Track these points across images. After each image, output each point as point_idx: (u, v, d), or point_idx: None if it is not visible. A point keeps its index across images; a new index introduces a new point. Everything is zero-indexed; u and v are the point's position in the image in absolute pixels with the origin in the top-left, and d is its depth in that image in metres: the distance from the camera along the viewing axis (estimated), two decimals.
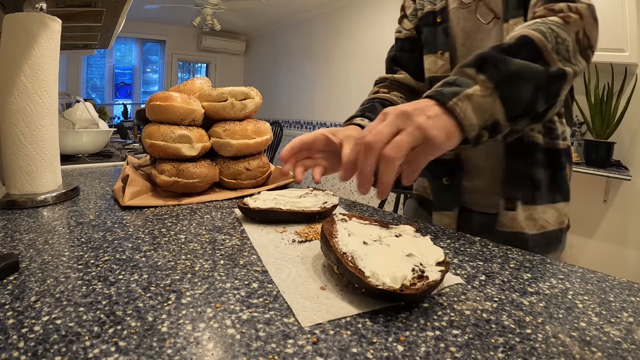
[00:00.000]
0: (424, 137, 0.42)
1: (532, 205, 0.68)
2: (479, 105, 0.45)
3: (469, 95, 0.45)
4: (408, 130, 0.42)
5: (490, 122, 0.46)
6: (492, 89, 0.45)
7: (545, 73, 0.48)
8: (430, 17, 0.77)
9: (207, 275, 0.35)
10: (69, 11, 0.90)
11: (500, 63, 0.46)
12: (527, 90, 0.47)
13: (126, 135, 2.48)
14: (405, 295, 0.29)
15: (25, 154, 0.59)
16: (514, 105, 0.46)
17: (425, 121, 0.42)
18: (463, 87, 0.45)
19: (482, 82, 0.46)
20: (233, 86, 0.71)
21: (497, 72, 0.46)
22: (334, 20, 4.34)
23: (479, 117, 0.45)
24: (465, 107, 0.44)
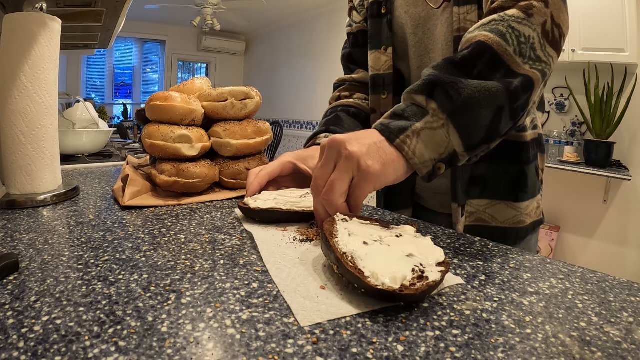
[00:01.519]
0: (357, 168, 0.38)
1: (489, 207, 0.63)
2: (430, 140, 0.40)
3: (417, 130, 0.40)
4: (340, 163, 0.39)
5: (446, 155, 0.42)
6: (444, 120, 0.41)
7: (505, 91, 0.42)
8: (375, 8, 0.71)
9: (207, 275, 0.35)
10: (69, 11, 0.90)
11: (451, 89, 0.41)
12: (486, 115, 0.42)
13: (126, 135, 2.48)
14: (404, 295, 0.29)
15: (25, 154, 0.59)
16: (472, 134, 0.42)
17: (358, 149, 0.39)
18: (411, 120, 0.41)
19: (434, 111, 0.41)
20: (233, 86, 0.71)
21: (448, 100, 0.41)
22: (334, 20, 4.34)
23: (432, 151, 0.41)
24: (414, 144, 0.40)
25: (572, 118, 2.47)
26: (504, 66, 0.43)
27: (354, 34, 0.80)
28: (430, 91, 0.42)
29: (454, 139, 0.41)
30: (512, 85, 0.43)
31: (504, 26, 0.44)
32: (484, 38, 0.44)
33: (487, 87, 0.42)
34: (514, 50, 0.43)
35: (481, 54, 0.43)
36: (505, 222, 0.64)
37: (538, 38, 0.45)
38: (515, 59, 0.43)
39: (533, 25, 0.45)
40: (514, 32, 0.44)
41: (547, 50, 0.46)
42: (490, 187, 0.63)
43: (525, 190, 0.64)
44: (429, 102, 0.41)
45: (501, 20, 0.45)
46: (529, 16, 0.45)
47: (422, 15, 0.65)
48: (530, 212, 0.65)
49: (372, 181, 0.39)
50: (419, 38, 0.67)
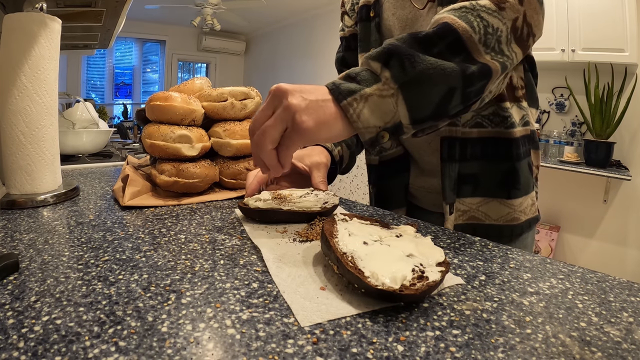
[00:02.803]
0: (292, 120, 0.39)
1: (482, 205, 0.63)
2: (377, 107, 0.41)
3: (366, 94, 0.41)
4: (278, 112, 0.40)
5: (390, 124, 0.42)
6: (395, 89, 0.41)
7: (461, 74, 0.42)
8: (364, 12, 0.72)
9: (207, 275, 0.35)
10: (69, 11, 0.90)
11: (406, 60, 0.41)
12: (437, 93, 0.42)
13: (126, 135, 2.48)
14: (404, 295, 0.29)
15: (25, 154, 0.59)
16: (420, 108, 0.42)
17: (298, 102, 0.39)
18: (362, 84, 0.41)
19: (386, 80, 0.41)
20: (233, 86, 0.71)
21: (402, 71, 0.41)
22: (334, 20, 4.34)
23: (377, 118, 0.41)
24: (360, 108, 0.40)
25: (572, 118, 2.47)
26: (465, 51, 0.43)
27: (346, 38, 0.81)
28: (386, 59, 0.42)
29: (402, 110, 0.42)
30: (468, 69, 0.43)
31: (473, 15, 0.44)
32: (451, 21, 0.44)
33: (442, 66, 0.42)
34: (478, 39, 0.44)
35: (445, 35, 0.43)
36: (499, 220, 0.64)
37: (506, 32, 0.45)
38: (478, 47, 0.44)
39: (504, 19, 0.45)
40: (482, 22, 0.44)
41: (512, 45, 0.46)
42: (482, 184, 0.63)
43: (517, 187, 0.64)
44: (383, 70, 0.42)
45: (472, 8, 0.45)
46: (500, 9, 0.45)
47: (409, 16, 0.66)
48: (525, 209, 0.65)
49: (303, 136, 0.40)
50: None
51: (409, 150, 0.74)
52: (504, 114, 0.62)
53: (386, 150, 0.76)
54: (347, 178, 3.76)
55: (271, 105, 0.41)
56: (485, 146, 0.63)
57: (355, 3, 0.76)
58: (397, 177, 0.75)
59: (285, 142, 0.41)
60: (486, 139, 0.62)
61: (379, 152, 0.77)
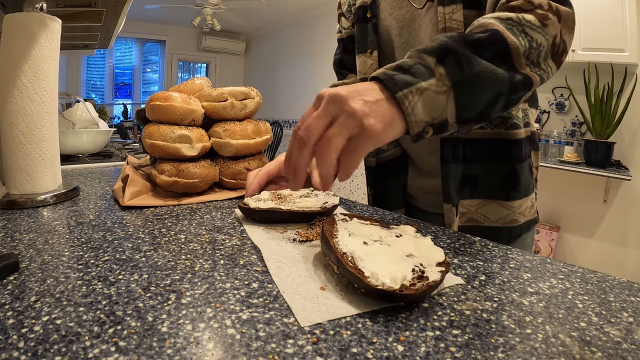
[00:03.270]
0: (360, 126, 0.37)
1: (481, 207, 0.63)
2: (430, 102, 0.40)
3: (422, 88, 0.40)
4: (341, 119, 0.37)
5: (438, 121, 0.42)
6: (448, 87, 0.41)
7: (509, 81, 0.43)
8: (361, 12, 0.72)
9: (207, 275, 0.35)
10: (69, 11, 0.90)
11: (464, 61, 0.41)
12: (486, 96, 0.43)
13: (126, 135, 2.48)
14: (404, 295, 0.29)
15: (25, 154, 0.59)
16: (468, 109, 0.43)
17: (361, 107, 0.38)
18: (418, 77, 0.40)
19: (440, 76, 0.41)
20: (233, 86, 0.71)
21: (458, 70, 0.41)
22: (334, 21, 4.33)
23: (427, 113, 0.41)
24: (415, 101, 0.40)
25: (572, 118, 2.47)
26: (509, 61, 0.44)
27: (344, 39, 0.81)
28: (442, 56, 0.42)
29: (450, 108, 0.42)
30: (515, 77, 0.44)
31: (519, 30, 0.45)
32: (501, 30, 0.45)
33: (496, 71, 0.43)
34: (523, 52, 0.45)
35: (495, 42, 0.44)
36: (498, 222, 0.64)
37: (546, 48, 0.47)
38: (521, 60, 0.45)
39: (547, 35, 0.47)
40: (526, 37, 0.45)
41: (549, 61, 0.48)
42: (481, 186, 0.63)
43: (517, 189, 0.63)
44: (438, 66, 0.41)
45: (518, 22, 0.46)
46: (544, 25, 0.46)
47: (407, 16, 0.66)
48: (524, 211, 0.65)
49: (374, 140, 0.38)
50: (404, 39, 0.67)
51: (406, 151, 0.74)
52: (505, 115, 0.62)
53: (384, 151, 0.76)
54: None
55: (328, 112, 0.38)
56: (485, 147, 0.63)
57: (351, 4, 0.76)
58: (395, 178, 0.75)
59: (353, 150, 0.39)
60: (486, 140, 0.62)
61: (377, 153, 0.77)
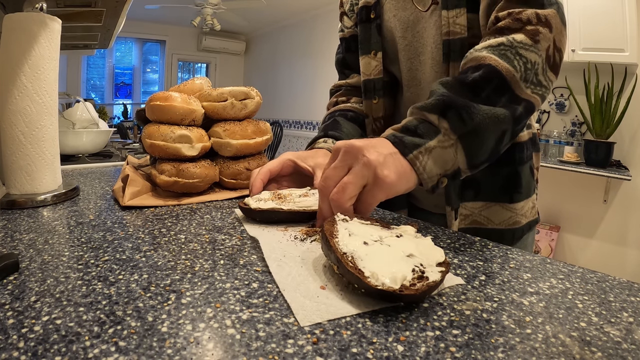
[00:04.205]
0: (374, 176, 0.40)
1: (484, 210, 0.64)
2: (439, 157, 0.43)
3: (431, 148, 0.42)
4: (356, 168, 0.40)
5: (450, 171, 0.44)
6: (455, 140, 0.43)
7: (511, 117, 0.45)
8: (364, 13, 0.72)
9: (207, 275, 0.35)
10: (69, 11, 0.90)
11: (464, 112, 0.43)
12: (492, 138, 0.45)
13: (126, 135, 2.48)
14: (404, 295, 0.29)
15: (25, 154, 0.59)
16: (478, 155, 0.44)
17: (376, 158, 0.40)
18: (425, 138, 0.43)
19: (445, 130, 0.43)
20: (233, 86, 0.71)
21: (461, 123, 0.43)
22: (334, 20, 4.34)
23: (439, 167, 0.43)
24: (425, 160, 0.42)
25: (572, 118, 2.47)
26: (509, 91, 0.45)
27: (346, 39, 0.81)
28: (443, 111, 0.44)
29: (461, 158, 0.44)
30: (517, 111, 0.45)
31: (512, 53, 0.46)
32: (495, 63, 0.46)
33: (496, 114, 0.44)
34: (520, 76, 0.46)
35: (491, 79, 0.45)
36: (501, 224, 0.64)
37: (542, 64, 0.47)
38: (520, 84, 0.46)
39: (539, 51, 0.47)
40: (521, 59, 0.46)
41: (548, 74, 0.49)
42: (484, 189, 0.64)
43: (519, 191, 0.64)
44: (441, 121, 0.43)
45: (510, 46, 0.46)
46: (535, 42, 0.47)
47: (411, 18, 0.66)
48: (526, 213, 0.65)
49: (386, 190, 0.41)
50: (408, 41, 0.67)
51: None
52: None
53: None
54: None
55: (344, 163, 0.41)
56: None
57: (354, 4, 0.76)
58: None
59: (368, 200, 0.41)
60: None
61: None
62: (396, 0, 0.67)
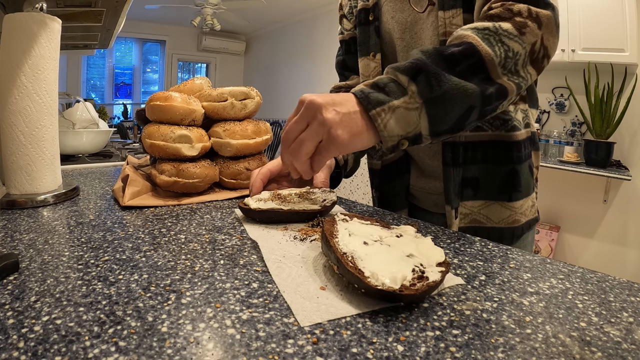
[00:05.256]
0: (327, 135, 0.42)
1: (483, 208, 0.64)
2: (403, 118, 0.43)
3: (394, 107, 0.43)
4: (313, 125, 0.43)
5: (412, 134, 0.45)
6: (420, 104, 0.43)
7: (481, 94, 0.45)
8: (363, 15, 0.73)
9: (207, 275, 0.35)
10: (69, 11, 0.90)
11: (434, 79, 0.43)
12: (457, 110, 0.45)
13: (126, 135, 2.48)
14: (404, 295, 0.29)
15: (25, 154, 0.59)
16: (440, 123, 0.45)
17: (332, 117, 0.42)
18: (391, 96, 0.44)
19: (412, 93, 0.44)
20: (233, 86, 0.71)
21: (428, 88, 0.43)
22: (334, 20, 4.34)
23: (401, 128, 0.44)
24: (387, 118, 0.43)
25: (572, 118, 2.47)
26: (484, 72, 0.46)
27: (346, 41, 0.81)
28: (414, 74, 0.44)
29: (423, 122, 0.44)
30: (487, 90, 0.46)
31: (495, 39, 0.46)
32: (476, 42, 0.46)
33: (465, 87, 0.44)
34: (499, 62, 0.46)
35: (469, 55, 0.46)
36: (501, 222, 0.64)
37: (524, 56, 0.47)
38: (497, 70, 0.46)
39: (524, 43, 0.47)
40: (503, 46, 0.46)
41: (528, 68, 0.49)
42: (483, 187, 0.64)
43: (518, 190, 0.64)
44: (410, 83, 0.44)
45: (495, 32, 0.47)
46: (521, 34, 0.47)
47: (409, 20, 0.66)
48: (525, 211, 0.65)
49: (338, 149, 0.43)
50: (406, 42, 0.68)
51: (409, 153, 0.74)
52: (505, 117, 0.62)
53: (387, 154, 0.76)
54: (348, 178, 3.77)
55: (304, 118, 0.43)
56: (486, 149, 0.63)
57: (353, 6, 0.77)
58: (398, 179, 0.75)
59: (322, 153, 0.44)
60: (487, 142, 0.63)
61: (381, 156, 0.77)
62: (394, 2, 0.68)
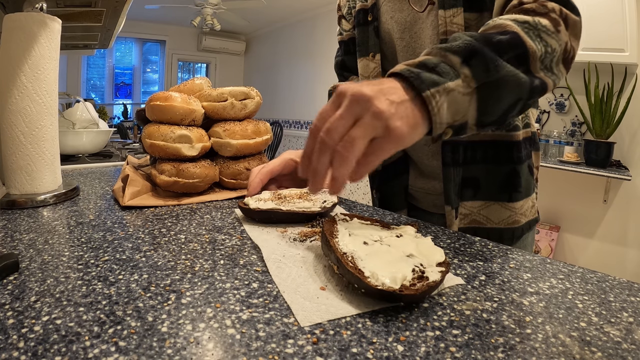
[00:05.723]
0: (385, 128, 0.35)
1: (483, 209, 0.63)
2: (455, 103, 0.39)
3: (449, 89, 0.38)
4: (366, 120, 0.35)
5: (458, 123, 0.40)
6: (473, 89, 0.40)
7: (529, 85, 0.43)
8: (362, 15, 0.72)
9: (207, 275, 0.35)
10: (69, 11, 0.90)
11: (491, 63, 0.40)
12: (508, 100, 0.42)
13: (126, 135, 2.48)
14: (404, 295, 0.29)
15: (25, 154, 0.59)
16: (489, 112, 0.42)
17: (388, 108, 0.35)
18: (444, 77, 0.39)
19: (465, 77, 0.39)
20: (233, 86, 0.71)
21: (485, 72, 0.40)
22: (334, 20, 4.33)
23: (450, 115, 0.39)
24: (442, 102, 0.38)
25: (572, 118, 2.47)
26: (527, 64, 0.44)
27: (345, 41, 0.81)
28: (468, 56, 0.40)
29: (472, 111, 0.40)
30: (534, 82, 0.44)
31: (535, 34, 0.45)
32: (520, 33, 0.44)
33: (518, 76, 0.42)
34: (540, 56, 0.44)
35: (516, 45, 0.43)
36: (501, 223, 0.64)
37: (559, 54, 0.47)
38: (537, 64, 0.44)
39: (560, 40, 0.47)
40: (542, 42, 0.45)
41: (560, 66, 0.48)
42: (483, 188, 0.63)
43: (518, 190, 0.64)
44: (463, 67, 0.40)
45: (534, 27, 0.45)
46: (557, 32, 0.46)
47: (408, 19, 0.66)
48: (525, 212, 0.65)
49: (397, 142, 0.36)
50: (406, 42, 0.67)
51: (408, 153, 0.74)
52: None
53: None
54: None
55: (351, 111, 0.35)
56: (486, 149, 0.63)
57: (352, 7, 0.76)
58: (396, 179, 0.75)
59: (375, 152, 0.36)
60: (487, 142, 0.62)
61: None
62: (393, 2, 0.67)
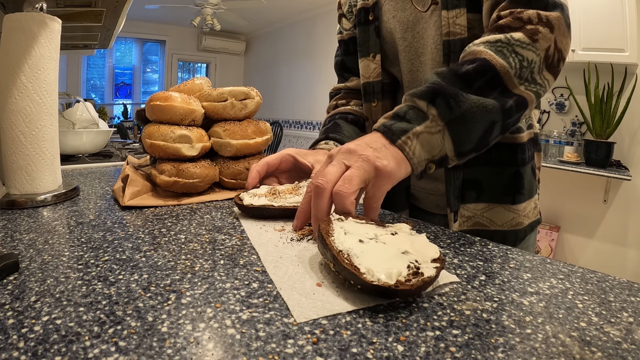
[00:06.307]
0: (374, 169, 0.41)
1: (486, 211, 0.63)
2: (426, 142, 0.44)
3: (418, 132, 0.43)
4: (356, 164, 0.41)
5: (438, 157, 0.45)
6: (442, 126, 0.44)
7: (501, 109, 0.45)
8: (363, 14, 0.71)
9: (207, 275, 0.35)
10: (69, 11, 0.90)
11: (452, 100, 0.44)
12: (480, 128, 0.45)
13: (126, 135, 2.49)
14: (399, 291, 0.29)
15: (25, 154, 0.59)
16: (465, 143, 0.45)
17: (372, 153, 0.41)
18: (412, 123, 0.44)
19: (433, 117, 0.44)
20: (233, 86, 0.71)
21: (448, 110, 0.44)
22: (334, 20, 4.34)
23: (426, 152, 0.44)
24: (414, 145, 0.43)
25: (572, 118, 2.47)
26: (501, 85, 0.46)
27: (345, 41, 0.80)
28: (432, 98, 0.44)
29: (448, 144, 0.45)
30: (507, 104, 0.46)
31: (509, 50, 0.46)
32: (490, 57, 0.46)
33: (484, 104, 0.44)
34: (514, 72, 0.46)
35: (484, 72, 0.46)
36: (504, 225, 0.64)
37: (539, 63, 0.47)
38: (513, 81, 0.46)
39: (537, 50, 0.47)
40: (517, 56, 0.46)
41: (544, 74, 0.49)
42: (486, 190, 0.63)
43: (522, 192, 0.63)
44: (430, 107, 0.44)
45: (507, 43, 0.47)
46: (533, 41, 0.47)
47: (411, 19, 0.65)
48: (528, 213, 0.65)
49: (389, 178, 0.42)
50: (408, 42, 0.67)
51: None
52: None
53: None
54: None
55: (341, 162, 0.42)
56: (489, 151, 0.62)
57: (352, 5, 0.76)
58: None
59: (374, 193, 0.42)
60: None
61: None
62: (395, 1, 0.67)
